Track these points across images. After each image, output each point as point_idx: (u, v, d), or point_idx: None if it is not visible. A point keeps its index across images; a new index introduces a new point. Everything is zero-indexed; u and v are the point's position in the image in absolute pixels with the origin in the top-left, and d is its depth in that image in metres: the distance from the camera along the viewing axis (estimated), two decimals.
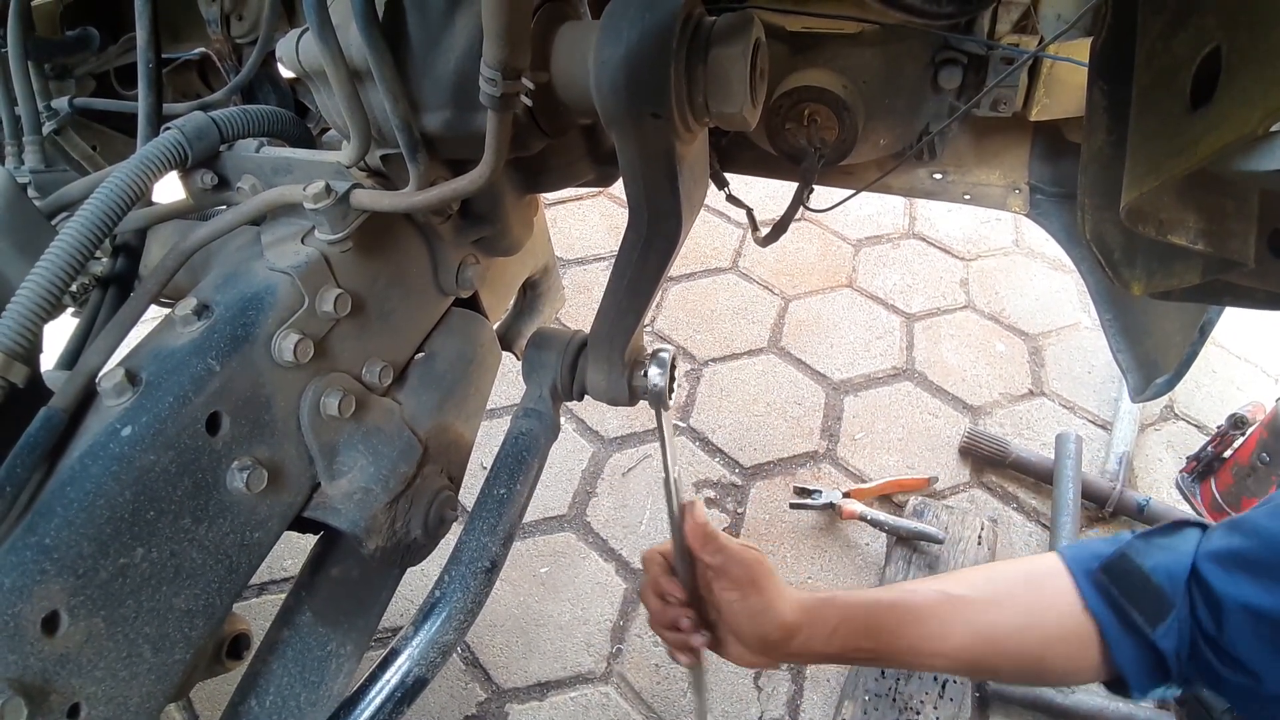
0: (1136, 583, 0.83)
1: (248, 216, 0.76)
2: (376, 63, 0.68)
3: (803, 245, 2.69)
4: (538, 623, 1.72)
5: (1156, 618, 0.81)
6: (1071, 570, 0.87)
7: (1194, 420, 2.14)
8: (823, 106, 1.13)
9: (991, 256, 2.66)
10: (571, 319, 2.41)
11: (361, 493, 0.77)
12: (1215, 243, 0.66)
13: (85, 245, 0.65)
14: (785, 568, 1.80)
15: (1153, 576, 0.82)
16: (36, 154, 0.96)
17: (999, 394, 2.20)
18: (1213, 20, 0.57)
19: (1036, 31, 1.05)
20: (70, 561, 0.58)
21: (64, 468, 0.60)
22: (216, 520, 0.68)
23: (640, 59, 0.63)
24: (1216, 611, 0.78)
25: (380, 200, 0.74)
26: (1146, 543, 0.85)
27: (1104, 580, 0.84)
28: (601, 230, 2.78)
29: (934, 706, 1.51)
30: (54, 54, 1.11)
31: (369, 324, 0.81)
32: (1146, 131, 0.64)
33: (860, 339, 2.37)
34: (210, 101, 0.98)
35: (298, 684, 0.82)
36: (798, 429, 2.12)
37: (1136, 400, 1.28)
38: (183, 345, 0.67)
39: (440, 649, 0.82)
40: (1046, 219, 1.29)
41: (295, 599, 0.84)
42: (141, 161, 0.72)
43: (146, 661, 0.64)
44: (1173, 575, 0.81)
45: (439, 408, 0.87)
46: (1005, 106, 1.11)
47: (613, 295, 0.81)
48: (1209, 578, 0.79)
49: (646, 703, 1.58)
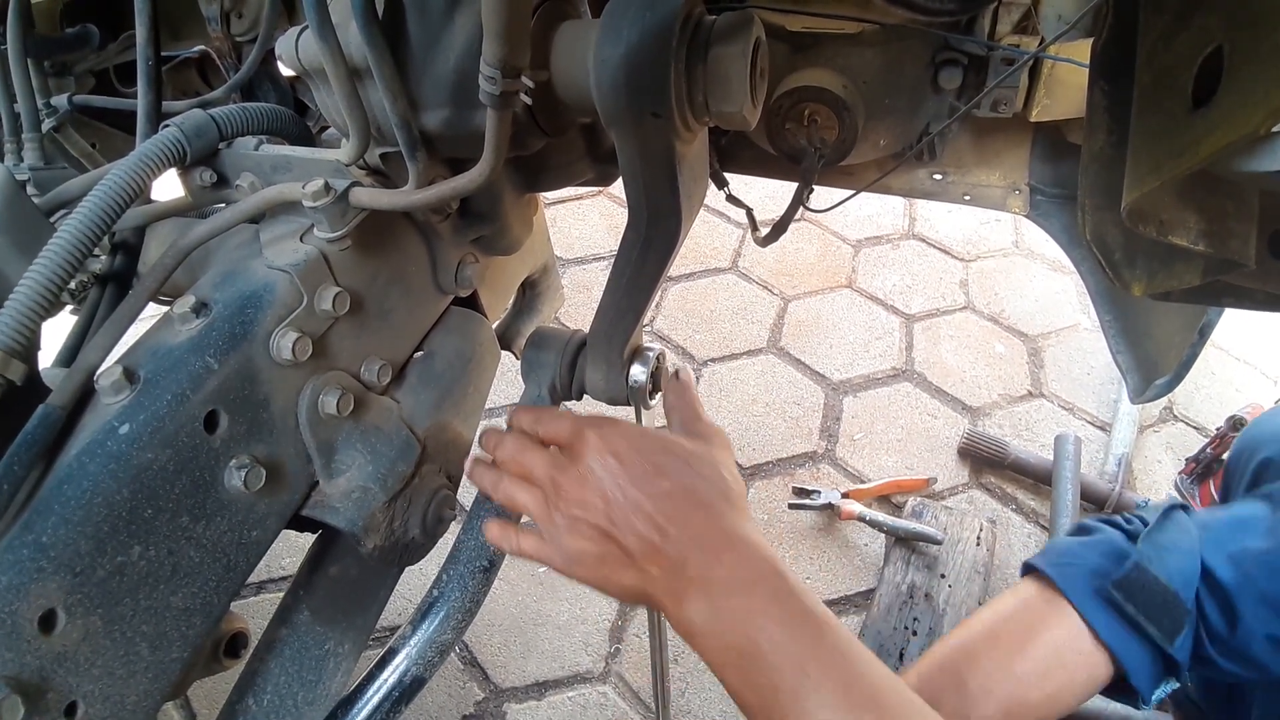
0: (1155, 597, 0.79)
1: (246, 214, 0.76)
2: (376, 61, 0.68)
3: (802, 245, 2.69)
4: (536, 622, 1.71)
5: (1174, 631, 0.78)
6: (1070, 599, 0.82)
7: (1193, 422, 2.14)
8: (823, 106, 1.13)
9: (991, 257, 2.65)
10: (571, 318, 2.41)
11: (360, 491, 0.77)
12: (1216, 243, 0.66)
13: (84, 242, 0.65)
14: None
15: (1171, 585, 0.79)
16: (35, 151, 0.96)
17: (998, 395, 2.20)
18: (1215, 20, 0.57)
19: (1037, 32, 1.05)
20: (67, 559, 0.58)
21: (61, 465, 0.60)
22: (214, 519, 0.68)
23: (640, 58, 0.63)
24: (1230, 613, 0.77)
25: (379, 198, 0.74)
26: (1154, 547, 0.82)
27: (1118, 598, 0.80)
28: (601, 230, 2.78)
29: None
30: (53, 51, 1.11)
31: (368, 322, 0.81)
32: (1147, 132, 0.64)
33: (860, 339, 2.36)
34: (209, 99, 0.98)
35: (295, 683, 0.82)
36: (797, 429, 2.12)
37: (1136, 402, 1.28)
38: (181, 343, 0.67)
39: (438, 648, 0.82)
40: (1046, 220, 1.29)
41: (293, 598, 0.84)
42: (140, 159, 0.72)
43: (144, 660, 0.64)
44: (1187, 580, 0.79)
45: (437, 406, 0.87)
46: (1006, 107, 1.11)
47: (612, 295, 0.81)
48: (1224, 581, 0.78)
49: (645, 702, 1.58)
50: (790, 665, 0.58)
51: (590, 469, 0.66)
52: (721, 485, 0.67)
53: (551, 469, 0.69)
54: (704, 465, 0.68)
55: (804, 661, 0.58)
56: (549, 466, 0.69)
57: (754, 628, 0.60)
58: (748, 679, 0.60)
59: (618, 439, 0.67)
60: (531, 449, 0.72)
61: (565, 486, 0.67)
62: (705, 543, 0.63)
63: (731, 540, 0.63)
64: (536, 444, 0.73)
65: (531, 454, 0.71)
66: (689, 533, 0.63)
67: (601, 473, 0.66)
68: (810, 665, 0.58)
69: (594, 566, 0.67)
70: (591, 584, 0.68)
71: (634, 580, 0.65)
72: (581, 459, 0.67)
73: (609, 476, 0.65)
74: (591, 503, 0.65)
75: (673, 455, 0.67)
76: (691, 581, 0.62)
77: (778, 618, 0.59)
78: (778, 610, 0.60)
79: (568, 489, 0.67)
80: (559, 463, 0.69)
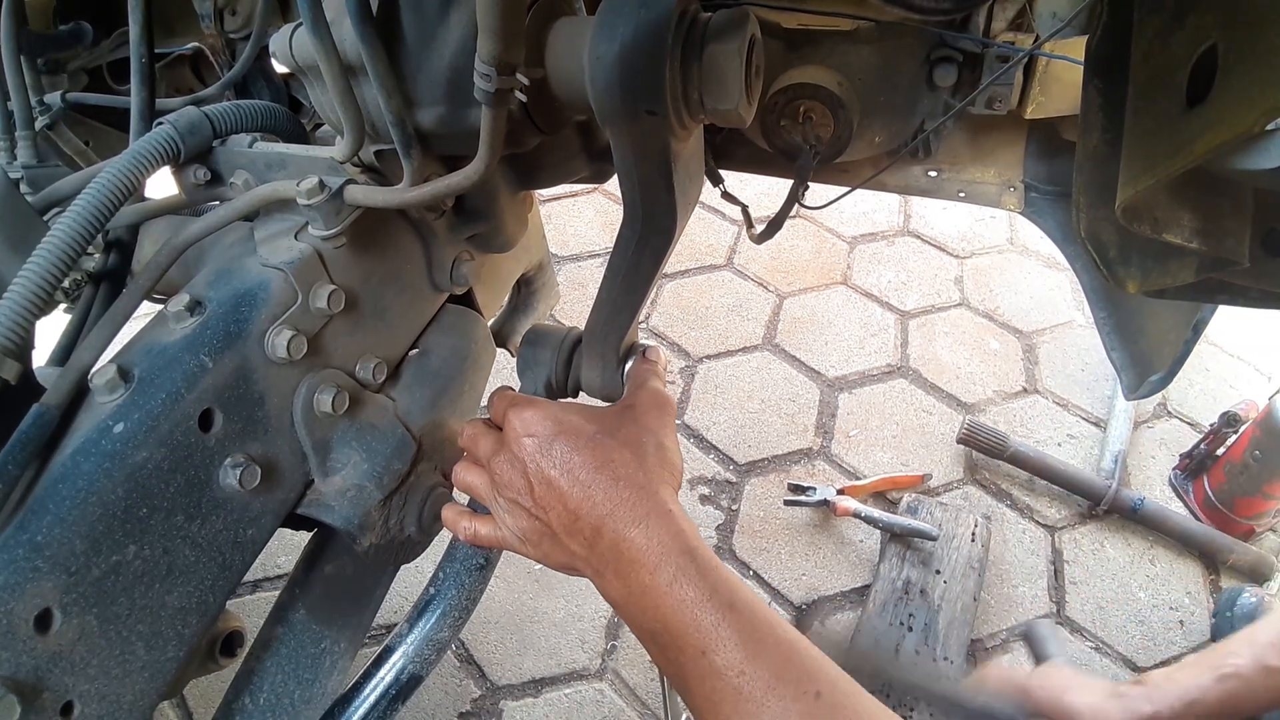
0: None
1: (241, 212, 0.76)
2: (370, 58, 0.67)
3: (798, 242, 2.69)
4: (532, 619, 1.72)
5: None
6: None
7: (1187, 418, 2.15)
8: (818, 103, 1.13)
9: (986, 254, 2.66)
10: (566, 315, 2.41)
11: (355, 490, 0.77)
12: (1210, 241, 0.66)
13: (77, 241, 0.64)
14: (779, 564, 1.80)
15: None
16: (29, 149, 0.96)
17: (993, 391, 2.20)
18: (1210, 18, 0.57)
19: (1032, 29, 1.05)
20: (63, 559, 0.58)
21: (56, 465, 0.60)
22: (209, 517, 0.68)
23: (635, 55, 0.63)
24: None
25: (374, 196, 0.74)
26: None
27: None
28: (596, 227, 2.77)
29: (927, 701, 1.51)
30: (47, 48, 1.10)
31: (363, 320, 0.81)
32: (1142, 130, 0.64)
33: (855, 336, 2.37)
34: (203, 97, 0.98)
35: (292, 681, 0.82)
36: (792, 426, 2.12)
37: (1130, 398, 1.28)
38: (175, 341, 0.67)
39: (435, 646, 0.82)
40: (1041, 217, 1.29)
41: (289, 596, 0.84)
42: (134, 157, 0.72)
43: (140, 659, 0.64)
44: None
45: (433, 404, 0.87)
46: (1000, 104, 1.11)
47: (607, 292, 0.81)
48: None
49: (640, 699, 1.58)
50: (694, 650, 0.58)
51: (513, 452, 0.67)
52: (642, 455, 0.67)
53: (489, 453, 0.70)
54: (626, 434, 0.68)
55: (708, 646, 0.58)
56: (488, 451, 0.70)
57: (659, 609, 0.60)
58: (660, 657, 0.62)
59: (536, 420, 0.67)
60: (480, 434, 0.73)
61: (497, 470, 0.69)
62: (618, 517, 0.63)
63: (645, 515, 0.63)
64: (485, 428, 0.73)
65: (480, 439, 0.72)
66: (601, 507, 0.63)
67: (522, 454, 0.67)
68: (714, 650, 0.58)
69: (536, 543, 0.68)
70: (540, 562, 0.69)
71: (565, 557, 0.67)
72: (506, 442, 0.68)
73: (528, 458, 0.66)
74: (518, 484, 0.67)
75: (591, 428, 0.67)
76: (604, 558, 0.63)
77: (682, 600, 0.59)
78: (683, 592, 0.60)
79: (499, 472, 0.68)
80: (495, 445, 0.70)
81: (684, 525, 0.63)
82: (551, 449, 0.66)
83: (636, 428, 0.69)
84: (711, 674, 0.57)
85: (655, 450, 0.68)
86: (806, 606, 1.74)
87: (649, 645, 0.63)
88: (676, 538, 0.62)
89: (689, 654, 0.59)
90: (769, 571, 1.80)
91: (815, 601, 1.75)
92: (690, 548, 0.62)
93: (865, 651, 1.60)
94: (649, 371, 0.78)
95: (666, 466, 0.68)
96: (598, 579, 0.65)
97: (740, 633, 0.58)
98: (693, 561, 0.61)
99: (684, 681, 0.60)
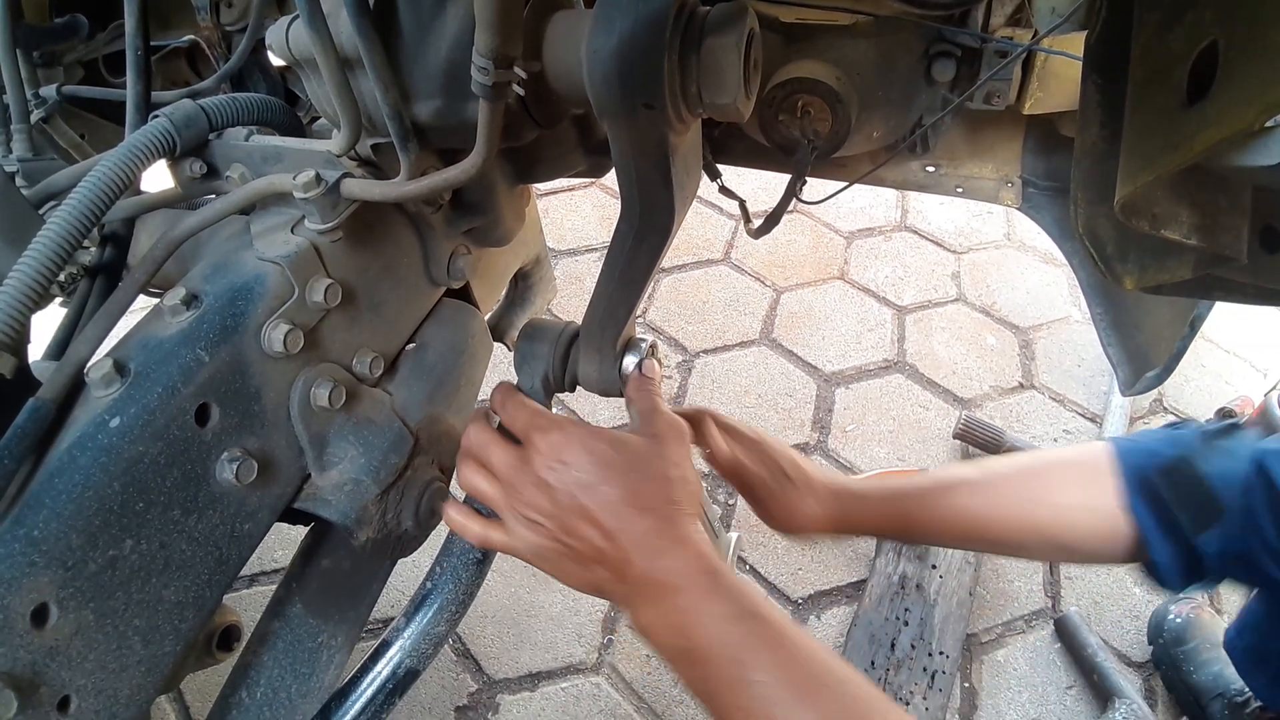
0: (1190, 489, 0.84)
1: (237, 205, 0.75)
2: (367, 51, 0.67)
3: (795, 237, 2.69)
4: (529, 613, 1.72)
5: (1203, 525, 0.83)
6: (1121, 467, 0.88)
7: (1183, 414, 2.15)
8: (816, 98, 1.13)
9: (983, 250, 2.66)
10: (563, 310, 2.41)
11: (352, 484, 0.77)
12: (1208, 238, 0.66)
13: (73, 234, 0.64)
14: (776, 559, 1.81)
15: (1208, 482, 0.83)
16: (24, 142, 0.95)
17: (989, 387, 2.21)
18: (1209, 15, 0.57)
19: (1031, 25, 1.05)
20: (59, 553, 0.58)
21: (52, 459, 0.60)
22: (206, 512, 0.68)
23: (633, 49, 0.63)
24: None
25: (371, 189, 0.74)
26: (1208, 447, 0.87)
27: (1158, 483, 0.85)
28: (594, 221, 2.77)
29: (923, 696, 1.52)
30: (42, 41, 1.09)
31: (359, 314, 0.81)
32: (1141, 126, 0.64)
33: (852, 331, 2.37)
34: (199, 89, 0.97)
35: (288, 676, 0.82)
36: (789, 420, 2.12)
37: (1127, 394, 1.29)
38: (171, 335, 0.67)
39: (432, 640, 0.82)
40: (1039, 213, 1.30)
41: (286, 590, 0.84)
42: (129, 150, 0.71)
43: (136, 653, 0.64)
44: (1229, 481, 0.83)
45: (430, 399, 0.87)
46: (999, 100, 1.12)
47: (605, 286, 0.81)
48: None
49: (637, 693, 1.58)
50: (725, 661, 0.61)
51: (539, 474, 0.68)
52: (667, 487, 0.69)
53: (508, 467, 0.70)
54: (652, 466, 0.70)
55: (738, 656, 0.61)
56: (506, 465, 0.71)
57: (689, 627, 0.63)
58: (692, 675, 0.64)
59: (565, 445, 0.68)
60: (493, 442, 0.73)
61: (519, 488, 0.69)
62: (646, 548, 0.65)
63: (672, 543, 0.66)
64: (498, 436, 0.74)
65: (492, 449, 0.73)
66: (630, 539, 0.65)
67: (550, 478, 0.67)
68: (745, 659, 0.60)
69: (554, 562, 0.70)
70: (556, 578, 0.71)
71: (588, 581, 0.69)
72: (531, 463, 0.69)
73: (558, 483, 0.67)
74: (542, 506, 0.68)
75: (620, 459, 0.68)
76: (634, 585, 0.66)
77: (710, 615, 0.62)
78: (710, 608, 0.63)
79: (520, 490, 0.69)
80: (515, 461, 0.70)
81: (706, 548, 0.66)
82: (582, 479, 0.67)
83: (661, 461, 0.70)
84: (745, 683, 0.60)
85: (679, 481, 0.70)
86: (803, 601, 1.74)
87: (680, 666, 0.65)
88: (700, 560, 0.65)
89: (722, 665, 0.61)
90: (766, 566, 1.80)
91: (812, 596, 1.75)
92: (714, 568, 0.65)
93: None
94: (654, 394, 0.79)
95: (687, 494, 0.70)
96: (626, 605, 0.67)
97: (769, 641, 0.61)
98: (717, 580, 0.64)
99: (718, 697, 0.62)
